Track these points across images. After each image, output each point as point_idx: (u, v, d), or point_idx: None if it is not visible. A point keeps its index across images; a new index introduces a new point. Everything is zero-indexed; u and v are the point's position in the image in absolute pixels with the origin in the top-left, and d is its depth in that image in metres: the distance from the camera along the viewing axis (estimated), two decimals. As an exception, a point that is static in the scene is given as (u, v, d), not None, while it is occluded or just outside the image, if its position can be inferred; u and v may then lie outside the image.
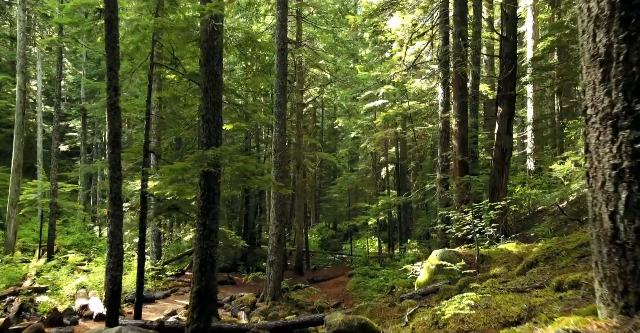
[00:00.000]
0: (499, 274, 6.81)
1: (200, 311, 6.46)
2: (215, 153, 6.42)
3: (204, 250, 6.67)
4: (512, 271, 6.66)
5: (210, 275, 6.66)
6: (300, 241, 21.34)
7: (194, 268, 6.67)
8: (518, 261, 7.42)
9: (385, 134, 22.91)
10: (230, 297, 14.33)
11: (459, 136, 12.53)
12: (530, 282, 4.42)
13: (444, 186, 12.73)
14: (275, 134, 14.39)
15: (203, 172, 6.75)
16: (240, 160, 6.80)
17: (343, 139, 38.75)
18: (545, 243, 6.43)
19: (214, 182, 6.85)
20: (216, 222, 6.85)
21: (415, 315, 4.96)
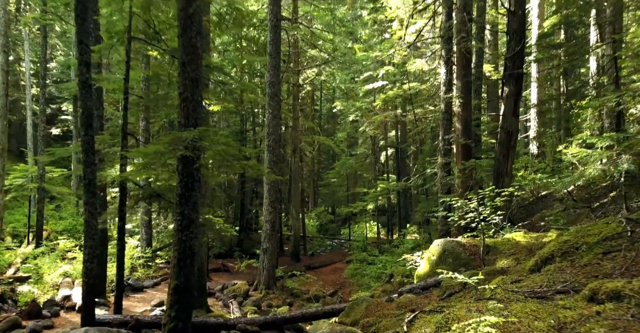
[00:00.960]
0: (507, 268, 6.21)
1: (179, 309, 5.88)
2: (193, 135, 5.75)
3: (183, 242, 6.05)
4: (522, 264, 6.05)
5: (190, 270, 6.06)
6: (297, 227, 20.81)
7: (172, 262, 6.07)
8: (527, 252, 6.82)
9: (385, 116, 22.16)
10: (222, 285, 13.83)
11: (462, 118, 11.83)
12: (549, 284, 3.80)
13: (445, 171, 12.08)
14: (268, 116, 13.68)
15: (181, 156, 6.09)
16: (221, 143, 6.14)
17: (342, 123, 37.98)
18: (561, 236, 5.81)
19: (194, 168, 6.20)
20: (197, 212, 6.22)
21: (415, 322, 4.37)
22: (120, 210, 8.19)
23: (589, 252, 4.41)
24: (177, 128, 6.44)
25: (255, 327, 7.34)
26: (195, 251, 6.21)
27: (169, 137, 5.76)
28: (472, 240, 7.98)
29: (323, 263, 19.79)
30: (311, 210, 35.61)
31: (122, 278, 8.12)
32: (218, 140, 6.14)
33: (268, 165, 13.56)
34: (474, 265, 7.35)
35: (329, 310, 7.48)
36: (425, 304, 6.15)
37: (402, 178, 21.78)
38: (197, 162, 6.22)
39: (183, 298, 5.98)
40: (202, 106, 6.31)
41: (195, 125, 6.19)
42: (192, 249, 6.13)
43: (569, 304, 2.77)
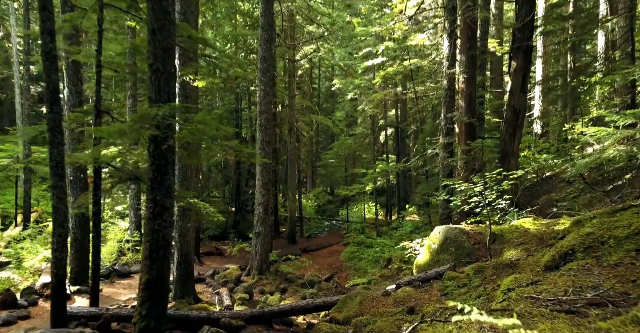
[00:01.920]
0: (516, 261, 5.59)
1: (152, 306, 5.28)
2: (163, 112, 5.03)
3: (156, 232, 5.41)
4: (534, 257, 5.42)
5: (164, 262, 5.43)
6: (294, 209, 20.23)
7: (143, 254, 5.44)
8: (538, 242, 6.19)
9: (385, 94, 21.31)
10: (213, 270, 13.30)
11: (466, 95, 11.06)
12: (576, 289, 3.16)
13: (447, 152, 11.38)
14: (260, 92, 12.89)
15: (151, 136, 5.38)
16: (196, 121, 5.43)
17: (341, 102, 37.08)
18: (578, 224, 5.17)
19: (167, 149, 5.50)
20: (171, 197, 5.56)
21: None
22: (94, 194, 7.53)
23: (619, 249, 3.75)
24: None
25: (240, 321, 6.78)
26: (170, 241, 5.57)
27: (136, 115, 5.04)
28: (477, 227, 7.35)
29: (320, 245, 19.29)
30: (309, 190, 35.04)
31: (98, 268, 7.53)
32: (193, 118, 5.42)
33: (260, 145, 12.86)
34: (478, 255, 6.74)
35: (320, 303, 6.91)
36: (425, 300, 5.55)
37: (401, 159, 21.11)
38: (170, 143, 5.53)
39: (156, 295, 5.37)
40: (175, 78, 5.58)
41: (168, 100, 5.46)
42: (165, 239, 5.49)
43: (614, 329, 2.14)
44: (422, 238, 8.64)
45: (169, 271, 5.57)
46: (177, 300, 9.84)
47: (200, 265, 14.76)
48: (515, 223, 7.40)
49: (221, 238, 22.49)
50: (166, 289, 5.47)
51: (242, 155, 6.26)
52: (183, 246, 9.94)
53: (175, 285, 10.01)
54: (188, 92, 9.85)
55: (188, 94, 9.86)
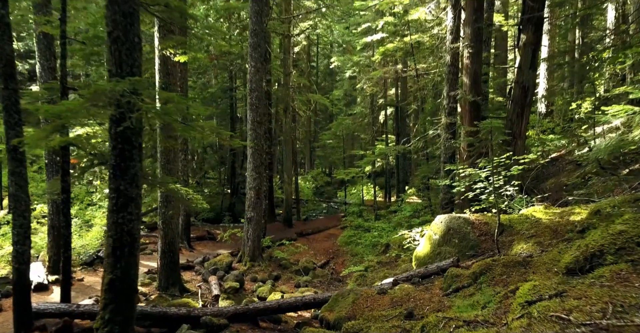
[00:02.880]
0: (529, 257, 4.94)
1: (116, 310, 4.66)
2: (122, 88, 4.30)
3: (119, 226, 4.75)
4: (549, 254, 4.77)
5: (130, 260, 4.79)
6: (289, 191, 19.61)
7: (106, 251, 4.80)
8: (552, 234, 5.55)
9: (384, 72, 20.41)
10: (203, 257, 12.73)
11: (471, 71, 10.27)
12: (617, 309, 2.50)
13: (450, 132, 10.67)
14: (250, 69, 12.08)
15: (113, 116, 4.66)
16: (165, 99, 4.70)
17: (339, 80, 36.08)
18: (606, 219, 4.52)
19: (132, 131, 4.79)
20: (137, 187, 4.87)
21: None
22: (62, 180, 6.86)
23: (662, 253, 3.09)
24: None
25: (223, 320, 6.19)
26: (137, 236, 4.91)
27: (89, 91, 4.30)
28: (482, 216, 6.70)
29: (316, 229, 18.72)
30: (308, 172, 34.40)
31: (68, 260, 6.92)
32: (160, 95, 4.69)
33: (251, 126, 12.12)
34: (484, 248, 6.11)
35: (310, 300, 6.31)
36: (425, 301, 4.94)
37: (401, 140, 20.37)
38: (137, 124, 4.81)
39: (121, 297, 4.74)
40: (140, 49, 4.83)
41: (131, 74, 4.71)
42: (131, 234, 4.83)
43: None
44: (422, 228, 8.01)
45: (137, 269, 4.94)
46: (162, 291, 9.30)
47: (191, 251, 14.22)
48: (525, 212, 6.75)
49: (216, 221, 21.95)
50: (133, 290, 4.85)
51: (222, 138, 5.55)
52: (167, 234, 9.33)
53: (160, 275, 9.45)
54: (170, 69, 9.06)
55: (170, 70, 9.07)
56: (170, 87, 9.07)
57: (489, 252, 5.96)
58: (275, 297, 8.57)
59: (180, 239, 14.42)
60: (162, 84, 8.99)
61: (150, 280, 9.76)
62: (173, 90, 9.16)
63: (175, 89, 9.18)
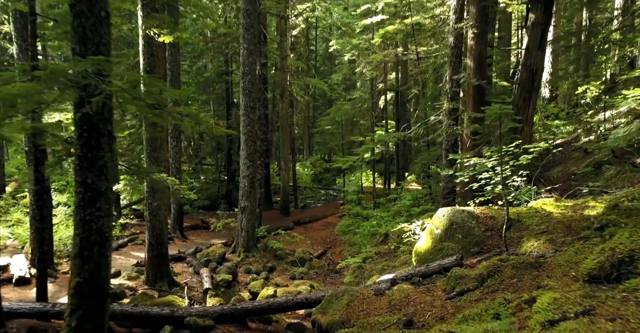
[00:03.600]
0: (541, 258, 4.47)
1: (84, 317, 4.21)
2: (84, 68, 3.77)
3: (87, 223, 4.27)
4: (565, 254, 4.30)
5: (100, 262, 4.32)
6: (286, 179, 19.12)
7: (72, 252, 4.34)
8: (565, 231, 5.08)
9: (384, 55, 19.72)
10: (195, 247, 12.30)
11: (475, 53, 9.68)
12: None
13: (452, 118, 10.12)
14: (243, 51, 11.47)
15: (77, 100, 4.14)
16: (134, 81, 4.18)
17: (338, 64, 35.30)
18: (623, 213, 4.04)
19: (99, 117, 4.27)
20: (107, 179, 4.38)
21: None
22: (36, 170, 6.36)
23: None
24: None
25: (209, 321, 5.76)
26: (108, 235, 4.43)
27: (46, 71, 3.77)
28: (488, 209, 6.22)
29: (314, 217, 18.30)
30: (306, 158, 33.88)
31: (45, 257, 6.47)
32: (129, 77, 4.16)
33: (244, 111, 11.57)
34: (490, 245, 5.64)
35: (302, 300, 5.87)
36: (427, 305, 4.49)
37: (402, 125, 19.82)
38: (106, 110, 4.29)
39: (90, 302, 4.29)
40: (107, 25, 4.28)
41: (97, 53, 4.17)
42: (101, 232, 4.35)
43: None
44: (423, 221, 7.53)
45: (109, 271, 4.48)
46: (150, 285, 8.89)
47: (184, 241, 13.79)
48: (534, 204, 6.26)
49: (212, 209, 21.53)
50: (104, 294, 4.39)
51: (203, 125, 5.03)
52: (154, 225, 8.88)
53: (147, 269, 9.03)
54: (154, 50, 8.48)
55: (155, 51, 8.49)
56: (156, 69, 8.50)
57: (495, 249, 5.49)
58: (267, 292, 8.16)
59: (173, 229, 14.02)
60: (147, 66, 8.43)
61: (137, 273, 9.34)
62: (158, 73, 8.60)
63: (160, 72, 8.62)
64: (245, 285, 10.42)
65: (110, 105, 4.41)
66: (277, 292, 8.36)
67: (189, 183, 23.47)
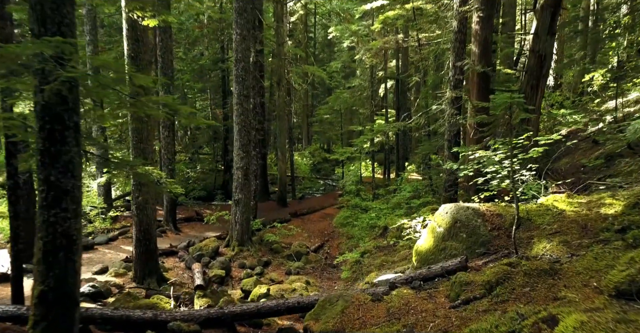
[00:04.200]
0: (556, 263, 4.04)
1: (49, 329, 3.79)
2: (40, 51, 3.29)
3: (52, 226, 3.83)
4: (583, 259, 3.87)
5: (67, 268, 3.90)
6: (284, 169, 18.68)
7: (36, 257, 3.90)
8: (581, 231, 4.64)
9: (384, 42, 19.12)
10: (188, 241, 11.90)
11: (480, 38, 9.16)
12: None
13: (455, 107, 9.62)
14: (236, 37, 10.93)
15: (38, 89, 3.67)
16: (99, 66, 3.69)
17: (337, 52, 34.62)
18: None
19: (64, 108, 3.80)
20: (73, 176, 3.93)
21: None
22: (7, 163, 5.91)
23: None
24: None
25: (194, 325, 5.36)
26: (76, 238, 3.99)
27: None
28: (494, 206, 5.77)
29: (311, 209, 17.90)
30: (305, 147, 33.38)
31: (18, 256, 6.03)
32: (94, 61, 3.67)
33: (237, 100, 11.08)
34: (497, 246, 5.21)
35: (294, 304, 5.46)
36: (429, 314, 4.08)
37: (402, 114, 19.31)
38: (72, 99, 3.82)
39: (56, 312, 3.87)
40: (73, 5, 3.79)
41: (59, 34, 3.68)
42: (67, 235, 3.91)
43: None
44: (424, 217, 7.10)
45: (78, 277, 4.06)
46: (138, 282, 8.51)
47: (177, 234, 13.41)
48: (544, 201, 5.82)
49: (208, 199, 21.13)
50: (73, 302, 3.98)
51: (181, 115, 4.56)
52: (142, 220, 8.45)
53: (135, 265, 8.64)
54: (139, 35, 7.96)
55: (140, 36, 7.97)
56: (141, 55, 8.00)
57: (502, 250, 5.07)
58: (260, 290, 7.77)
59: (166, 221, 13.63)
60: (131, 52, 7.92)
61: (125, 270, 8.95)
62: (144, 60, 8.10)
63: (146, 58, 8.11)
64: (238, 281, 10.04)
65: (77, 93, 3.94)
66: (271, 290, 7.98)
67: (185, 174, 23.07)
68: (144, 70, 8.06)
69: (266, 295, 7.67)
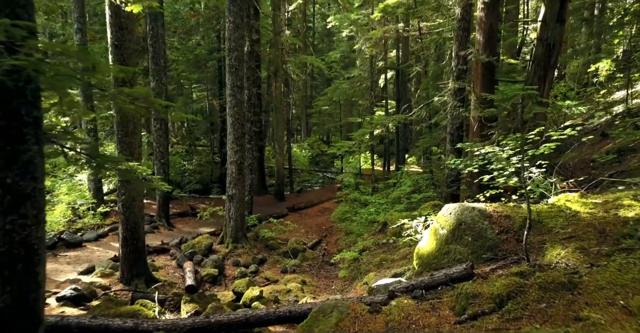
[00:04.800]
0: (574, 275, 3.62)
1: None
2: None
3: (8, 234, 3.39)
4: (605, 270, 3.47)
5: (27, 281, 3.49)
6: (281, 163, 18.24)
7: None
8: (599, 237, 4.23)
9: (384, 31, 18.56)
10: (181, 238, 11.51)
11: (486, 26, 8.67)
12: None
13: (458, 99, 9.17)
14: (229, 25, 10.43)
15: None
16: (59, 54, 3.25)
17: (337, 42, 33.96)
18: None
19: (22, 101, 3.37)
20: (33, 178, 3.50)
21: None
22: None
23: None
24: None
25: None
26: (37, 247, 3.56)
27: None
28: (502, 207, 5.35)
29: (309, 203, 17.51)
30: (304, 139, 32.90)
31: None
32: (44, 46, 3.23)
33: (231, 91, 10.61)
34: (505, 251, 4.80)
35: (285, 313, 5.07)
36: (432, 329, 3.68)
37: (402, 106, 18.82)
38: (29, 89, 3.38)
39: (14, 330, 3.46)
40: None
41: (13, 16, 3.23)
42: (27, 245, 3.49)
43: None
44: (426, 217, 6.68)
45: (42, 291, 3.65)
46: (125, 284, 8.12)
47: (170, 230, 13.01)
48: (555, 201, 5.40)
49: (204, 193, 20.74)
50: (35, 321, 3.57)
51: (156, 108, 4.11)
52: (129, 218, 8.05)
53: (122, 266, 8.24)
54: (123, 22, 7.48)
55: (124, 24, 7.49)
56: (125, 44, 7.53)
57: (512, 255, 4.66)
58: (253, 293, 7.38)
59: (158, 217, 13.24)
60: (115, 40, 7.45)
61: (112, 270, 8.55)
62: (129, 48, 7.63)
63: (131, 47, 7.64)
64: (232, 279, 9.68)
65: (37, 84, 3.50)
66: (264, 292, 7.61)
67: (181, 166, 22.64)
68: (129, 59, 7.59)
69: (259, 298, 7.29)
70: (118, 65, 7.47)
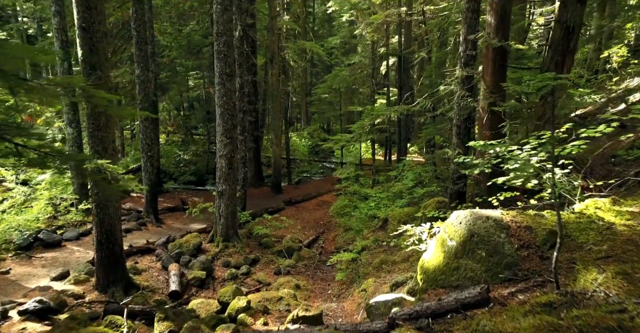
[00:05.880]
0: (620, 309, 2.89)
1: None
2: None
3: None
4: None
5: None
6: (278, 154, 17.47)
7: None
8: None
9: (386, 16, 17.61)
10: (167, 237, 10.82)
11: (498, 7, 7.80)
12: None
13: (466, 88, 8.34)
14: (216, 7, 9.57)
15: None
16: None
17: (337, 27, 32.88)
18: None
19: None
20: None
21: None
22: None
23: None
24: None
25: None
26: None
27: None
28: (521, 216, 4.59)
29: (307, 195, 16.81)
30: (304, 128, 32.06)
31: None
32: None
33: (219, 79, 9.81)
34: (527, 270, 4.06)
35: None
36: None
37: (404, 94, 17.95)
38: None
39: None
40: None
41: None
42: None
43: None
44: (432, 224, 5.92)
45: None
46: (100, 291, 7.45)
47: (159, 226, 12.32)
48: (583, 208, 4.64)
49: (199, 184, 20.01)
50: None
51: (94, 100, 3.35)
52: (103, 220, 7.32)
53: (97, 272, 7.56)
54: (91, 2, 6.65)
55: (92, 4, 6.67)
56: (95, 26, 6.71)
57: (534, 276, 3.92)
58: (239, 303, 6.69)
59: (146, 212, 12.57)
60: (82, 22, 6.64)
61: (88, 275, 7.87)
62: (99, 31, 6.81)
63: (102, 29, 6.82)
64: (222, 282, 9.04)
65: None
66: (252, 302, 6.92)
67: (177, 156, 21.91)
68: (99, 43, 6.78)
69: (246, 309, 6.60)
70: (87, 49, 6.69)
